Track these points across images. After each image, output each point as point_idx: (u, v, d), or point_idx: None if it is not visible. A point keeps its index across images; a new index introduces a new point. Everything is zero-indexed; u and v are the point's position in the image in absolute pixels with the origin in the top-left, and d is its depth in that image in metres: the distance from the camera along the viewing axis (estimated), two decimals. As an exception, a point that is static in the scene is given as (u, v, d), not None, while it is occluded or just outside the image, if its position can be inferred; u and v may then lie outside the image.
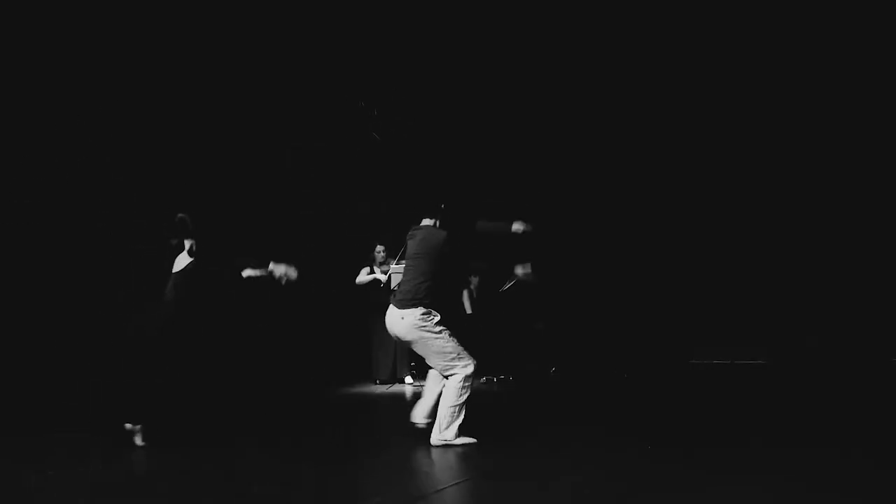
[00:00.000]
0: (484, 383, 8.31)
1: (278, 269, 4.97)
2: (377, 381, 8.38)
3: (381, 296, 8.38)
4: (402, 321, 4.80)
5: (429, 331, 4.78)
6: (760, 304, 9.49)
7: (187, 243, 4.91)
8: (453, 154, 9.78)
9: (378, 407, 6.90)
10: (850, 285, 9.02)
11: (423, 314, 4.80)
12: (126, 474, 3.96)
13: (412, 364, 8.31)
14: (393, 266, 8.21)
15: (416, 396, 7.29)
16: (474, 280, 9.53)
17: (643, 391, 7.45)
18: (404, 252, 7.75)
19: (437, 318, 4.87)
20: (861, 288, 8.97)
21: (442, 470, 4.14)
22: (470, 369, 4.74)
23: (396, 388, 8.02)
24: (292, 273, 4.99)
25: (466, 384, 4.72)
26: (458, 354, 4.77)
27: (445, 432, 4.69)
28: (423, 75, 9.21)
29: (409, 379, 8.28)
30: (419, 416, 4.96)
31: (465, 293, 9.60)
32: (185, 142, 8.50)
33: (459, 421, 4.71)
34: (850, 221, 9.11)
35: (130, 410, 4.73)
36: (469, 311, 9.51)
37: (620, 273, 10.05)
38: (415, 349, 4.92)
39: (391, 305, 4.92)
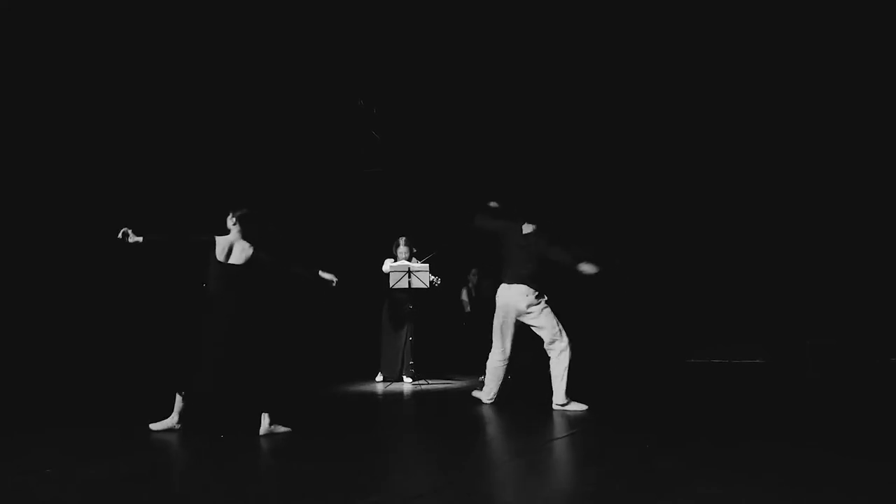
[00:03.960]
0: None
1: (326, 276, 5.36)
2: (380, 377, 8.37)
3: (392, 293, 8.36)
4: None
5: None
6: (759, 303, 9.49)
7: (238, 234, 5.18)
8: (452, 154, 9.80)
9: (378, 405, 6.90)
10: (849, 284, 9.02)
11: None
12: (125, 472, 3.96)
13: (411, 363, 8.31)
14: (391, 264, 8.20)
15: (416, 394, 7.32)
16: (473, 278, 9.54)
17: (641, 390, 7.45)
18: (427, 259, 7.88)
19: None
20: (860, 287, 8.97)
21: (439, 468, 4.14)
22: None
23: (396, 386, 8.02)
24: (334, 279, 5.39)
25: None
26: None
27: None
28: (423, 75, 9.21)
29: (408, 379, 8.28)
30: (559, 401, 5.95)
31: (465, 291, 9.61)
32: (185, 142, 8.51)
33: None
34: (849, 220, 9.11)
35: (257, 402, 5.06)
36: (468, 308, 9.52)
37: (618, 272, 10.05)
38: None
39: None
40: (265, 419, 5.00)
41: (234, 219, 5.25)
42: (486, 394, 6.40)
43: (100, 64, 7.85)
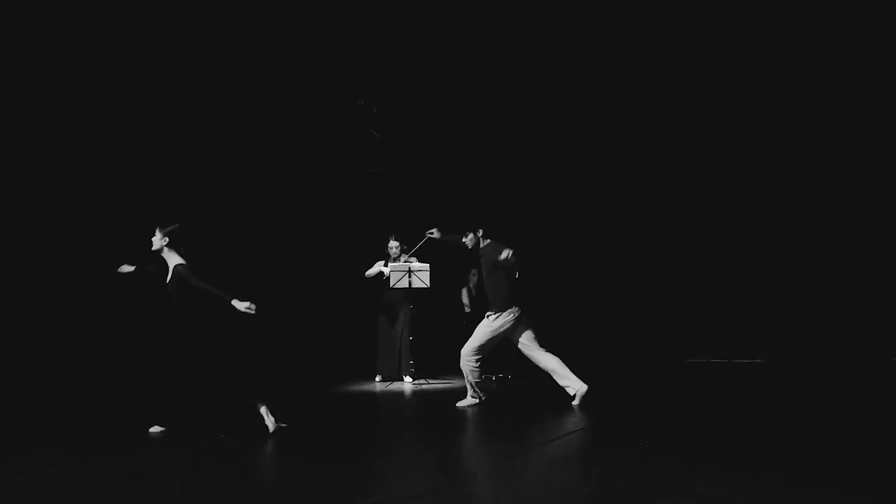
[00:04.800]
0: (482, 381, 8.29)
1: (241, 305, 4.88)
2: (379, 378, 8.37)
3: (387, 292, 8.38)
4: None
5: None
6: (759, 303, 9.48)
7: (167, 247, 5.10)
8: (452, 154, 9.80)
9: (378, 405, 6.90)
10: (849, 284, 9.01)
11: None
12: (125, 472, 3.96)
13: (411, 362, 8.30)
14: (391, 265, 8.20)
15: (416, 394, 7.33)
16: (473, 278, 9.52)
17: (641, 390, 7.44)
18: (418, 248, 7.90)
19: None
20: (860, 287, 8.96)
21: (439, 468, 4.14)
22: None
23: (396, 385, 8.02)
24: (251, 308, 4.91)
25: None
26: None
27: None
28: (423, 74, 9.20)
29: (408, 378, 8.27)
30: (575, 385, 6.00)
31: (465, 291, 9.60)
32: (185, 142, 8.51)
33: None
34: (848, 220, 9.10)
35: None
36: (468, 308, 9.52)
37: (617, 272, 10.05)
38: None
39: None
40: (267, 416, 4.99)
41: (163, 237, 5.07)
42: (474, 395, 6.34)
43: (99, 64, 7.84)
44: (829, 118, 9.00)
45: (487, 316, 6.21)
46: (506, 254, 5.92)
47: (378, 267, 8.41)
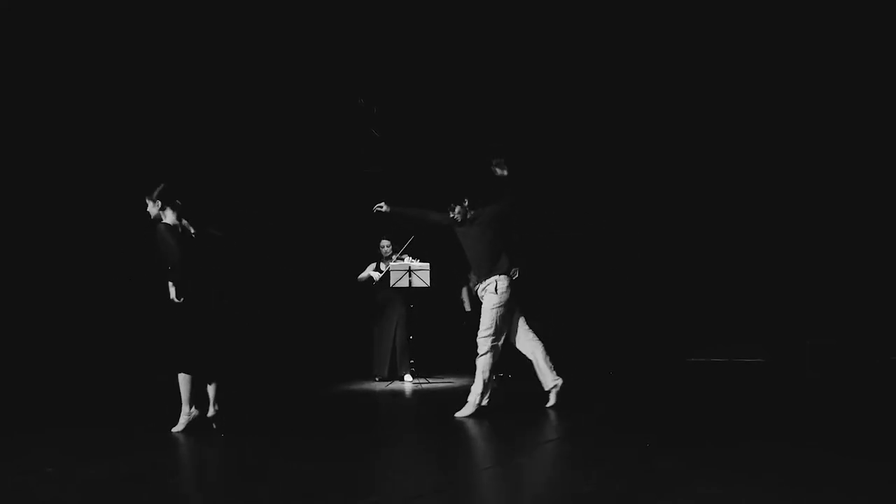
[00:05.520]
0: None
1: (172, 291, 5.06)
2: (377, 378, 8.38)
3: (381, 292, 8.40)
4: None
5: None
6: (759, 303, 9.48)
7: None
8: (452, 153, 9.79)
9: (377, 405, 6.90)
10: (849, 284, 9.01)
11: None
12: (125, 472, 3.96)
13: (412, 361, 8.30)
14: (390, 265, 8.21)
15: (416, 394, 7.33)
16: (473, 278, 9.53)
17: (641, 390, 7.44)
18: (405, 248, 7.89)
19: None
20: (860, 287, 8.96)
21: (439, 468, 4.14)
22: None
23: (396, 385, 8.02)
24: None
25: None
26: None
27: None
28: (423, 73, 9.20)
29: (408, 377, 8.27)
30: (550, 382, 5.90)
31: (465, 290, 9.60)
32: (185, 142, 8.51)
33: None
34: (848, 220, 9.10)
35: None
36: (468, 308, 9.51)
37: (618, 271, 10.05)
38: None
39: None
40: (213, 401, 5.12)
41: (155, 201, 5.24)
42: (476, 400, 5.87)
43: (99, 64, 7.84)
44: (828, 118, 9.00)
45: (483, 293, 5.90)
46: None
47: (369, 271, 8.46)
